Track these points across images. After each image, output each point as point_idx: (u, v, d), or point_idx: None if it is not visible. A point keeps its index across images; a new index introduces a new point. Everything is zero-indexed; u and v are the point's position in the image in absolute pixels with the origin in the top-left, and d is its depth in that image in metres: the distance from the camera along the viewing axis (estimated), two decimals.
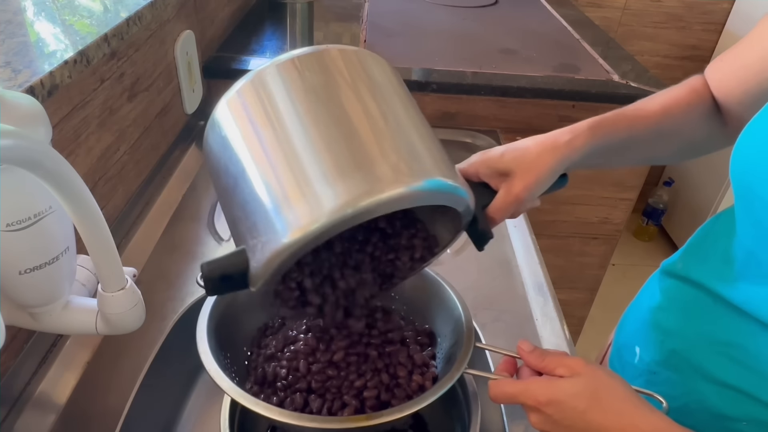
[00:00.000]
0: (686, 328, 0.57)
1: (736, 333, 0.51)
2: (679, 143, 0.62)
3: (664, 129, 0.58)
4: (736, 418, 0.52)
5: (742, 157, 0.50)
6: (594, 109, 1.21)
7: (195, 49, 1.08)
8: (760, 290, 0.49)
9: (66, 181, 0.39)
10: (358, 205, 0.37)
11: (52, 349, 0.64)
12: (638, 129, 0.56)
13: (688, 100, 0.58)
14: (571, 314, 1.17)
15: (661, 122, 0.57)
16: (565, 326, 0.74)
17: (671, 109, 0.57)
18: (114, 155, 0.80)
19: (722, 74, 0.58)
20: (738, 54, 0.57)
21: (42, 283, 0.48)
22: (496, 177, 0.53)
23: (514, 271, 0.84)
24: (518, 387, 0.46)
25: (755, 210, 0.49)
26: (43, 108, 0.45)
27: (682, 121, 0.58)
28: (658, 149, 0.61)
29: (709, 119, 0.60)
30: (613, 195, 1.33)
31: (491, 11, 1.68)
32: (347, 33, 1.49)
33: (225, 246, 0.83)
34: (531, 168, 0.52)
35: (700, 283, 0.56)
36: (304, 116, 0.40)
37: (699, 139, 0.62)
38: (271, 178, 0.39)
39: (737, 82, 0.56)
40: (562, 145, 0.53)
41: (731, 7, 2.21)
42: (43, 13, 0.75)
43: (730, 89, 0.57)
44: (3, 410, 0.57)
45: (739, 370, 0.51)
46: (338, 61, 0.43)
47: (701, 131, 0.61)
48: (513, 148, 0.53)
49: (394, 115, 0.43)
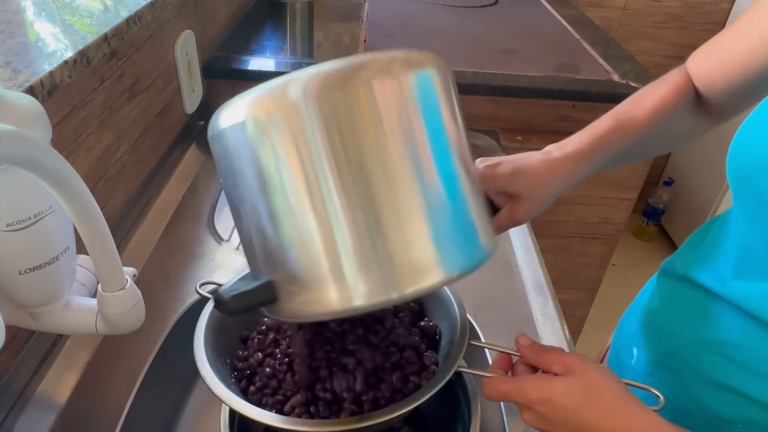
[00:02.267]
0: (683, 328, 0.57)
1: (732, 332, 0.52)
2: (665, 141, 0.63)
3: (653, 134, 0.58)
4: (732, 420, 0.52)
5: (740, 152, 0.50)
6: (594, 109, 1.22)
7: (195, 49, 1.08)
8: (757, 287, 0.49)
9: (66, 181, 0.39)
10: (401, 292, 0.37)
11: (52, 349, 0.64)
12: (630, 140, 0.57)
13: (674, 100, 0.58)
14: (571, 314, 1.17)
15: (650, 129, 0.57)
16: (565, 326, 0.74)
17: (660, 114, 0.57)
18: (114, 155, 0.80)
19: (707, 65, 0.58)
20: (723, 45, 0.57)
21: (42, 283, 0.48)
22: (502, 195, 0.53)
23: (514, 271, 0.84)
24: (511, 385, 0.46)
25: (751, 205, 0.50)
26: (43, 108, 0.45)
27: (669, 122, 0.58)
28: (645, 153, 0.62)
29: (693, 114, 0.60)
30: (613, 195, 1.33)
31: (491, 11, 1.68)
32: (347, 33, 1.50)
33: (225, 246, 0.83)
34: (538, 194, 0.52)
35: (697, 282, 0.56)
36: (370, 176, 0.36)
37: (683, 133, 0.63)
38: (333, 235, 0.36)
39: (722, 74, 0.56)
40: (566, 174, 0.53)
41: (731, 7, 2.22)
42: (43, 13, 0.75)
43: (714, 80, 0.57)
44: (3, 410, 0.57)
45: (735, 370, 0.51)
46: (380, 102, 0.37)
47: (686, 126, 0.61)
48: (522, 169, 0.52)
49: (448, 183, 0.39)
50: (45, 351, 0.64)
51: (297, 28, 1.55)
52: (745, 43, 0.53)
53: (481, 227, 0.42)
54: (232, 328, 0.55)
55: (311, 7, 1.64)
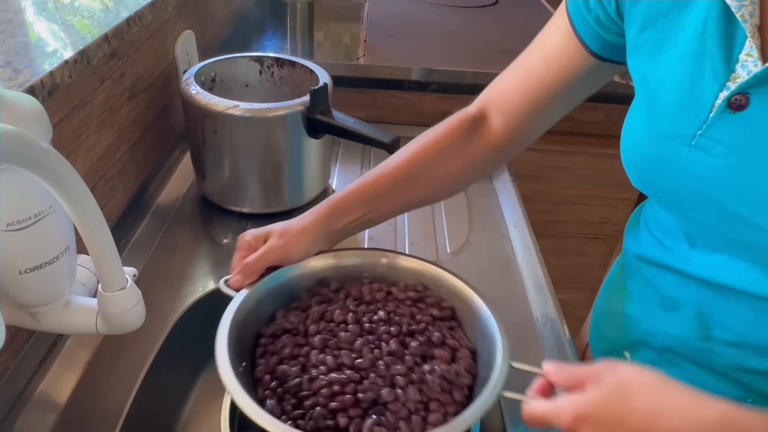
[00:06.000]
0: (665, 321, 0.58)
1: (707, 304, 0.53)
2: (438, 180, 0.64)
3: (412, 175, 0.62)
4: (741, 398, 0.53)
5: (629, 149, 0.52)
6: (594, 109, 1.22)
7: (195, 49, 1.08)
8: (713, 258, 0.51)
9: (66, 181, 0.39)
10: None
11: (52, 348, 0.64)
12: (382, 186, 0.61)
13: (438, 139, 0.63)
14: (571, 314, 1.16)
15: (408, 170, 0.61)
16: (565, 326, 0.74)
17: (418, 155, 0.62)
18: (114, 155, 0.80)
19: (505, 85, 0.63)
20: (521, 62, 0.62)
21: (42, 283, 0.48)
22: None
23: (514, 271, 0.84)
24: (546, 408, 0.43)
25: (660, 198, 0.52)
26: (43, 108, 0.45)
27: (433, 160, 0.62)
28: (414, 192, 0.63)
29: (467, 147, 0.63)
30: (613, 195, 1.33)
31: (491, 11, 1.68)
32: (347, 33, 1.50)
33: (225, 246, 0.83)
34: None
35: (656, 262, 0.58)
36: None
37: (462, 169, 0.65)
38: None
39: (520, 91, 0.61)
40: (305, 246, 0.57)
41: None
42: (44, 13, 0.75)
43: (512, 99, 0.61)
44: (3, 410, 0.57)
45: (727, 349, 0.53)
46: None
47: (461, 161, 0.64)
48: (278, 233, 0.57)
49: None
50: (45, 351, 0.64)
51: (297, 28, 1.55)
52: (541, 55, 0.59)
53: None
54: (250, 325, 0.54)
55: (311, 7, 1.64)
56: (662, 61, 0.47)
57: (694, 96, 0.45)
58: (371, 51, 1.31)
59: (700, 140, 0.45)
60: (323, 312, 0.54)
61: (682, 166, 0.46)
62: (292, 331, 0.53)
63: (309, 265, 0.58)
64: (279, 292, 0.57)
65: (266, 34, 1.43)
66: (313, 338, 0.52)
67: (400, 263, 0.59)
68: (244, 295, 0.53)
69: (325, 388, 0.48)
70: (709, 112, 0.44)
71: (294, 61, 0.94)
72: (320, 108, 0.82)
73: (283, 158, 0.85)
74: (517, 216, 0.95)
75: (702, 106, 0.44)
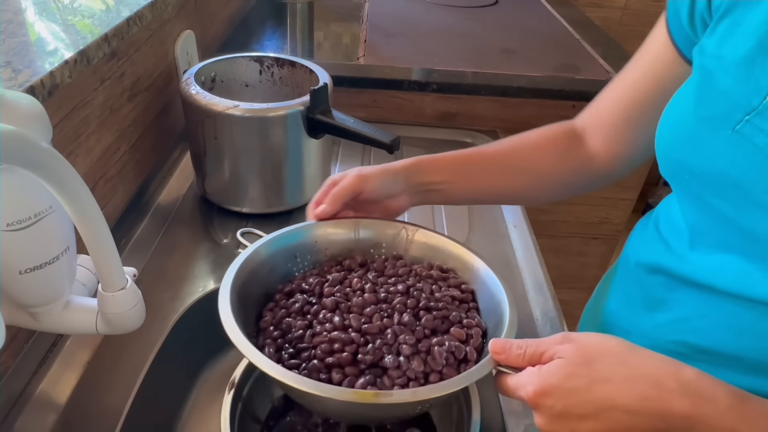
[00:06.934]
0: (644, 320, 0.58)
1: (691, 308, 0.52)
2: (527, 177, 0.65)
3: (503, 162, 0.63)
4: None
5: (665, 129, 0.52)
6: None
7: (195, 49, 1.08)
8: (711, 260, 0.50)
9: (66, 181, 0.39)
10: None
11: (52, 348, 0.64)
12: (471, 161, 0.63)
13: (539, 137, 0.64)
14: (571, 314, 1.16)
15: (501, 156, 0.63)
16: (565, 326, 0.74)
17: (515, 146, 0.64)
18: (114, 155, 0.80)
19: (605, 100, 0.64)
20: (620, 75, 0.63)
21: (42, 283, 0.48)
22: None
23: (514, 271, 0.84)
24: (510, 382, 0.42)
25: (683, 182, 0.51)
26: (43, 108, 0.45)
27: (528, 155, 0.64)
28: (499, 179, 0.65)
29: (565, 155, 0.64)
30: (613, 195, 1.33)
31: (491, 11, 1.68)
32: (347, 33, 1.50)
33: (225, 246, 0.83)
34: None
35: (653, 264, 0.57)
36: None
37: (554, 175, 0.66)
38: None
39: (616, 103, 0.61)
40: (393, 174, 0.60)
41: None
42: (44, 13, 0.75)
43: (609, 113, 0.62)
44: (3, 410, 0.57)
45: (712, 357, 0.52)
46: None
47: (560, 169, 0.65)
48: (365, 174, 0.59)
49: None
50: (45, 351, 0.64)
51: (297, 28, 1.55)
52: (637, 66, 0.60)
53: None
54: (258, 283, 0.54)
55: (311, 7, 1.64)
56: (729, 42, 0.46)
57: (749, 81, 0.44)
58: (371, 51, 1.31)
59: (744, 126, 0.44)
60: (342, 279, 0.55)
61: (720, 149, 0.46)
62: (307, 293, 0.54)
63: (327, 230, 0.59)
64: (292, 251, 0.58)
65: (266, 34, 1.43)
66: (325, 299, 0.52)
67: (432, 242, 0.60)
68: (256, 246, 0.55)
69: (324, 343, 0.48)
70: (762, 99, 0.43)
71: (294, 61, 0.94)
72: (320, 108, 0.82)
73: (283, 158, 0.85)
74: (517, 216, 0.95)
75: (756, 92, 0.43)
